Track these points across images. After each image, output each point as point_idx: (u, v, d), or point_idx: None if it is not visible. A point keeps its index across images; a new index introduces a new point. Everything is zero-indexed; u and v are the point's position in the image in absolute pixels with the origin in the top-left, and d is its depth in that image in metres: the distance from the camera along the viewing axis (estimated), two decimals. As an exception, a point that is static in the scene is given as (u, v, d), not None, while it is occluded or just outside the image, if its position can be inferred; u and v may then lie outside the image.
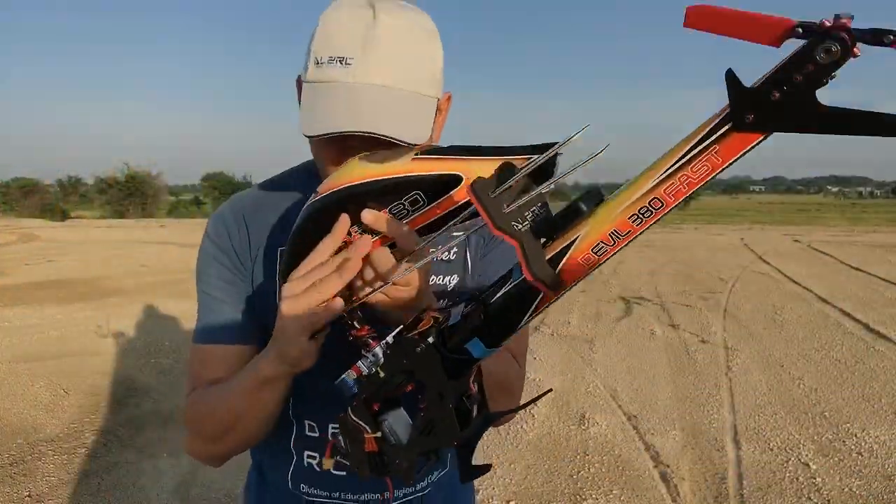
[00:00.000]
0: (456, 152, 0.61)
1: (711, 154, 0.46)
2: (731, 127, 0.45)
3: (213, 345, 0.86)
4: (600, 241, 0.51)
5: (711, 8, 0.47)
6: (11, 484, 2.98)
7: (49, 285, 8.32)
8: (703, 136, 0.46)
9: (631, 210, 0.49)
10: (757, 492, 2.91)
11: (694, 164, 0.47)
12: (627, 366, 4.77)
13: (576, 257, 0.52)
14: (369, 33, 0.70)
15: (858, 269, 9.65)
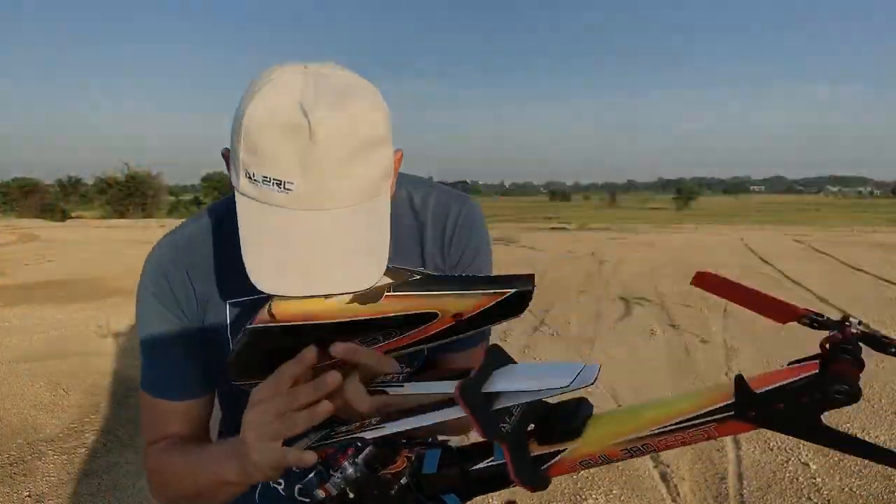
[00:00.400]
0: (428, 286, 0.60)
1: (710, 428, 0.50)
2: (732, 415, 0.49)
3: (164, 399, 0.82)
4: (588, 458, 0.54)
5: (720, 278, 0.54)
6: (11, 484, 2.98)
7: (49, 285, 8.32)
8: (707, 412, 0.50)
9: (624, 445, 0.53)
10: (757, 492, 2.91)
11: (692, 430, 0.51)
12: (627, 366, 4.77)
13: (563, 465, 0.55)
14: (307, 155, 0.61)
15: (858, 269, 9.66)
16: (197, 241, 0.82)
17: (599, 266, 10.47)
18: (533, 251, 12.90)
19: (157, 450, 0.83)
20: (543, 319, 6.27)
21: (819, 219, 29.12)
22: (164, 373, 0.82)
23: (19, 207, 35.29)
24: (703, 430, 0.50)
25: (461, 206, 0.87)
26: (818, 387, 0.45)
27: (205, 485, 0.74)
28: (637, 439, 0.52)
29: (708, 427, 0.50)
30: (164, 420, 0.83)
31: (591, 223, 24.56)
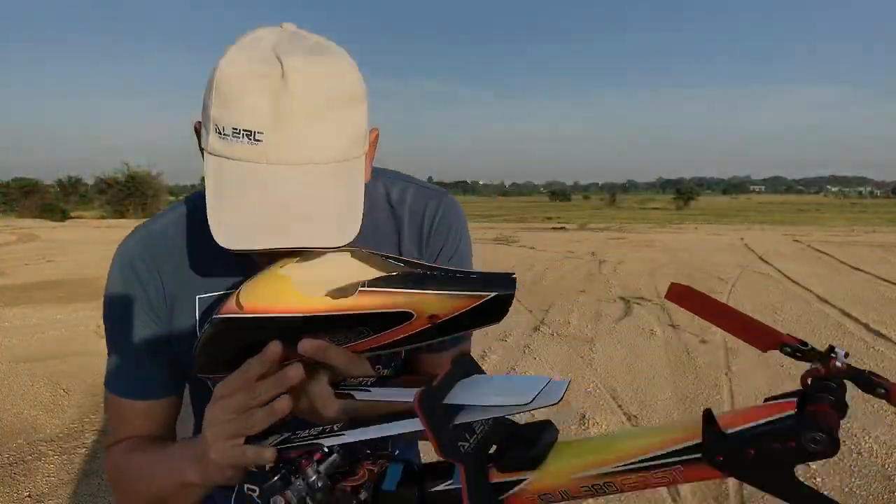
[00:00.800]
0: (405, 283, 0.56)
1: (675, 470, 0.46)
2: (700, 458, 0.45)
3: (128, 399, 0.80)
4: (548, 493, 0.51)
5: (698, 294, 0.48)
6: (11, 484, 2.98)
7: (49, 285, 8.32)
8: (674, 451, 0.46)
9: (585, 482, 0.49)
10: (757, 492, 2.90)
11: (656, 472, 0.47)
12: (627, 366, 4.77)
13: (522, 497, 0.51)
14: (279, 103, 0.59)
15: (858, 269, 9.66)
16: (169, 233, 0.79)
17: (599, 266, 10.47)
18: (533, 251, 12.90)
19: (118, 451, 0.80)
20: (543, 319, 6.27)
21: (819, 219, 29.12)
22: (128, 371, 0.79)
23: (19, 207, 35.28)
24: (668, 472, 0.46)
25: (439, 200, 0.84)
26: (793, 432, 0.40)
27: (165, 486, 0.71)
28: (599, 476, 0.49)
29: (675, 469, 0.46)
30: (128, 420, 0.80)
31: (591, 223, 24.56)
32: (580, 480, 0.49)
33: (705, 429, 0.44)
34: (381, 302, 0.55)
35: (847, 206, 51.60)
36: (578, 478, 0.49)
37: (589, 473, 0.49)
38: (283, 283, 0.60)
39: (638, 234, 18.57)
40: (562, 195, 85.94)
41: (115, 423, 0.82)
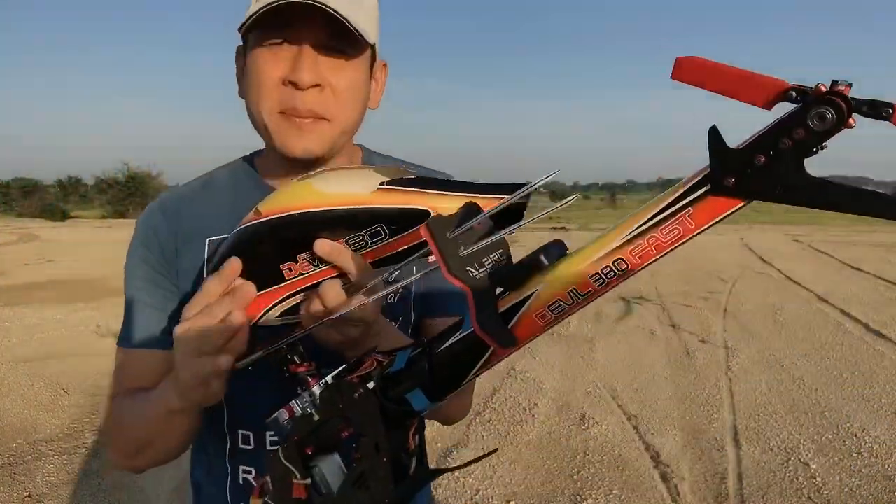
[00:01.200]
0: (424, 185, 0.56)
1: (685, 217, 0.42)
2: (708, 189, 0.42)
3: (135, 349, 0.82)
4: (558, 298, 0.48)
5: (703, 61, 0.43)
6: (11, 484, 2.99)
7: (49, 285, 8.32)
8: (679, 195, 0.43)
9: (593, 269, 0.45)
10: (757, 492, 2.91)
11: (664, 226, 0.43)
12: (627, 366, 4.77)
13: (531, 314, 0.48)
14: None
15: (858, 269, 9.66)
16: (186, 190, 0.86)
17: (599, 266, 10.46)
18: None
19: (116, 403, 0.82)
20: (543, 319, 6.27)
21: (819, 219, 29.12)
22: (133, 323, 0.82)
23: (19, 207, 35.30)
24: (677, 221, 0.42)
25: None
26: (800, 118, 0.38)
27: (153, 419, 0.73)
28: (607, 255, 0.44)
29: (684, 216, 0.42)
30: (134, 373, 0.82)
31: (592, 223, 24.55)
32: (587, 270, 0.45)
33: (712, 149, 0.41)
34: (400, 199, 0.55)
35: (847, 206, 51.48)
36: (585, 267, 0.45)
37: (594, 258, 0.45)
38: (303, 185, 0.60)
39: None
40: (562, 195, 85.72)
41: (119, 377, 0.84)
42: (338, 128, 0.75)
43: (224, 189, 0.84)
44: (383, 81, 0.83)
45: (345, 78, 0.73)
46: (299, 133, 0.72)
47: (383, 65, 0.82)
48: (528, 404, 3.99)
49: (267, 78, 0.71)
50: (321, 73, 0.71)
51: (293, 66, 0.70)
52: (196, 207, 0.83)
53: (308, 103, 0.71)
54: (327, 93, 0.72)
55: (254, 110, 0.74)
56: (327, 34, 0.71)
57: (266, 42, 0.71)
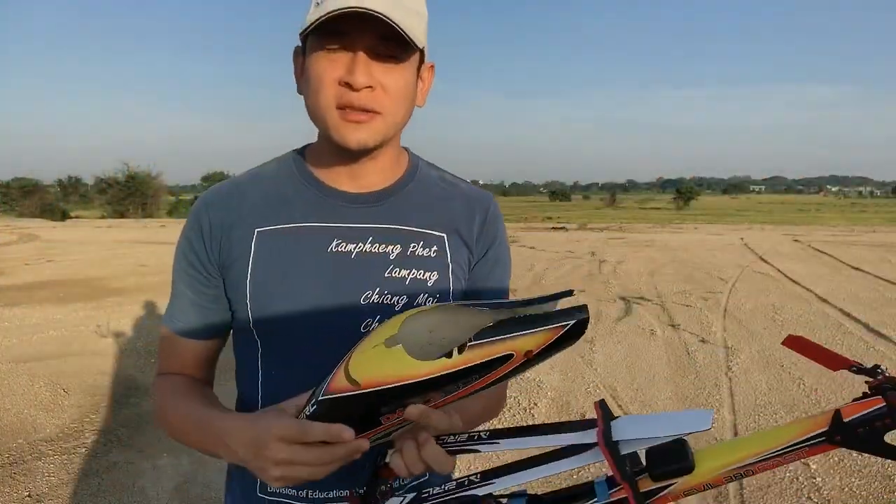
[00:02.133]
0: (506, 331, 0.63)
1: (802, 452, 0.62)
2: (823, 440, 0.61)
3: (173, 332, 0.90)
4: (694, 487, 0.63)
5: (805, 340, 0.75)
6: (11, 484, 2.99)
7: (49, 285, 8.32)
8: (804, 440, 0.61)
9: (728, 474, 0.63)
10: (757, 492, 2.91)
11: (788, 455, 0.62)
12: (627, 366, 4.77)
13: (668, 497, 0.63)
14: None
15: (858, 269, 9.66)
16: (236, 186, 0.90)
17: (599, 266, 10.47)
18: (533, 251, 12.90)
19: (163, 386, 0.89)
20: (543, 319, 6.26)
21: (819, 219, 29.12)
22: (177, 310, 0.89)
23: (19, 207, 35.29)
24: (797, 453, 0.61)
25: (491, 199, 0.96)
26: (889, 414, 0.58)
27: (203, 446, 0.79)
28: (740, 468, 0.62)
29: (802, 450, 0.61)
30: (174, 356, 0.91)
31: (591, 223, 24.56)
32: (723, 474, 0.63)
33: (833, 421, 0.60)
34: (487, 352, 0.62)
35: (847, 206, 51.61)
36: (722, 472, 0.62)
37: (731, 468, 0.62)
38: (396, 354, 0.64)
39: (638, 233, 18.57)
40: (562, 195, 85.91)
41: (161, 355, 0.93)
42: (389, 121, 0.81)
43: (272, 180, 0.89)
44: (430, 81, 0.89)
45: (395, 80, 0.79)
46: (355, 127, 0.79)
47: (430, 66, 0.89)
48: (528, 404, 3.99)
49: (325, 78, 0.78)
50: (374, 76, 0.77)
51: (349, 70, 0.76)
52: (245, 198, 0.87)
53: (362, 100, 0.77)
54: (378, 91, 0.78)
55: (313, 106, 0.81)
56: (380, 40, 0.76)
57: (324, 46, 0.77)
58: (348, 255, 0.84)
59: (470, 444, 0.70)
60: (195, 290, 0.87)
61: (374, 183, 0.88)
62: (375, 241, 0.85)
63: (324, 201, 0.86)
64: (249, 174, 0.91)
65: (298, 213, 0.85)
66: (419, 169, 0.93)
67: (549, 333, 0.61)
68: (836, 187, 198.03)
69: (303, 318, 0.82)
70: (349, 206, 0.86)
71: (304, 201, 0.86)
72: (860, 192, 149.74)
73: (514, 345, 0.62)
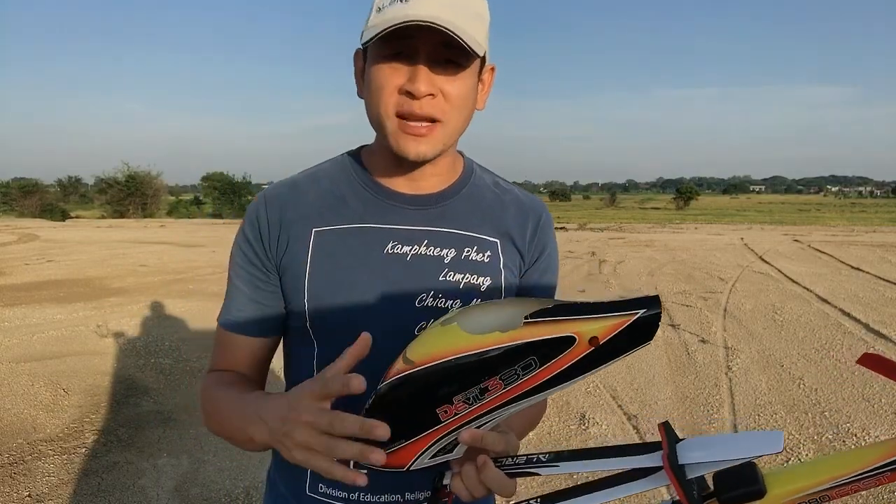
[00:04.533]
0: (565, 312, 0.60)
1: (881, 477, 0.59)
2: None
3: (229, 332, 0.89)
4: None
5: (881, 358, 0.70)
6: (11, 484, 2.99)
7: (49, 285, 8.32)
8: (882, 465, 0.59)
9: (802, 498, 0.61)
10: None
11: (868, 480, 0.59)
12: (627, 366, 4.77)
13: None
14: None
15: (858, 269, 9.66)
16: (294, 180, 0.90)
17: (599, 266, 10.47)
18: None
19: (210, 379, 0.89)
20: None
21: (819, 219, 29.13)
22: (232, 306, 0.89)
23: (19, 207, 35.27)
24: (875, 479, 0.59)
25: (544, 207, 0.97)
26: None
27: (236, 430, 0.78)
28: (816, 493, 0.60)
29: (880, 476, 0.59)
30: (227, 353, 0.90)
31: (592, 223, 24.55)
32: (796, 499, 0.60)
33: None
34: (547, 330, 0.59)
35: (847, 206, 51.60)
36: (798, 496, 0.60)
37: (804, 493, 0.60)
38: (450, 330, 0.62)
39: (638, 233, 18.57)
40: (562, 195, 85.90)
41: (215, 352, 0.92)
42: (449, 129, 0.81)
43: (330, 180, 0.89)
44: (490, 84, 0.89)
45: (456, 87, 0.78)
46: (415, 140, 0.78)
47: (491, 68, 0.88)
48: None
49: (386, 86, 0.77)
50: (435, 84, 0.77)
51: (410, 78, 0.76)
52: (302, 198, 0.87)
53: (424, 108, 0.77)
54: (439, 99, 0.78)
55: (374, 112, 0.80)
56: (442, 48, 0.76)
57: (386, 53, 0.77)
58: (404, 257, 0.84)
59: (529, 466, 0.68)
60: (252, 287, 0.87)
61: (431, 186, 0.88)
62: (431, 245, 0.85)
63: (380, 203, 0.86)
64: (306, 174, 0.92)
65: (355, 214, 0.86)
66: (474, 173, 0.94)
67: (617, 321, 0.58)
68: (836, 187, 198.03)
69: (360, 319, 0.81)
70: (405, 208, 0.86)
71: (360, 202, 0.86)
72: (860, 192, 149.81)
73: (577, 327, 0.59)
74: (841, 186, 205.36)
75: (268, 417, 0.70)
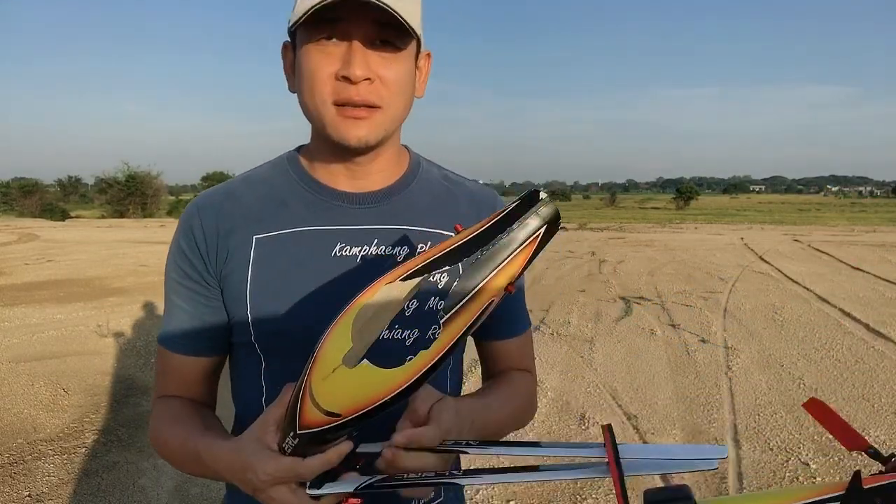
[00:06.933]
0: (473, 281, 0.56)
1: None
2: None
3: (171, 352, 0.84)
4: None
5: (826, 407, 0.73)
6: (11, 484, 2.98)
7: (49, 285, 8.32)
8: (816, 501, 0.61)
9: None
10: (757, 492, 2.91)
11: None
12: (627, 366, 4.77)
13: None
14: None
15: (858, 269, 9.66)
16: (228, 187, 0.85)
17: (599, 266, 10.46)
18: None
19: (159, 410, 0.84)
20: (543, 319, 6.27)
21: (819, 219, 29.12)
22: (172, 328, 0.83)
23: (19, 207, 35.27)
24: None
25: (497, 197, 0.93)
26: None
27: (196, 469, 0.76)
28: None
29: None
30: (171, 376, 0.85)
31: (591, 223, 24.55)
32: None
33: (852, 485, 0.61)
34: (464, 320, 0.55)
35: (847, 206, 51.59)
36: None
37: None
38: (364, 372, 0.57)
39: (638, 233, 18.56)
40: (562, 195, 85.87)
41: (159, 376, 0.87)
42: (389, 115, 0.77)
43: (266, 183, 0.84)
44: (427, 70, 0.85)
45: (393, 71, 0.75)
46: (355, 123, 0.75)
47: (427, 54, 0.84)
48: (528, 404, 3.99)
49: (320, 73, 0.73)
50: (371, 67, 0.73)
51: (345, 62, 0.72)
52: (238, 203, 0.82)
53: (362, 94, 0.73)
54: (377, 84, 0.74)
55: (308, 102, 0.76)
56: (376, 29, 0.72)
57: (315, 38, 0.73)
58: (353, 259, 0.79)
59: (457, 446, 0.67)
60: (192, 303, 0.82)
61: (375, 182, 0.84)
62: (381, 244, 0.81)
63: (324, 203, 0.82)
64: (241, 178, 0.86)
65: (298, 218, 0.81)
66: (421, 166, 0.90)
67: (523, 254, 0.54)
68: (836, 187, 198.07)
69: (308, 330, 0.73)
70: (351, 207, 0.82)
71: (302, 204, 0.82)
72: (860, 192, 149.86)
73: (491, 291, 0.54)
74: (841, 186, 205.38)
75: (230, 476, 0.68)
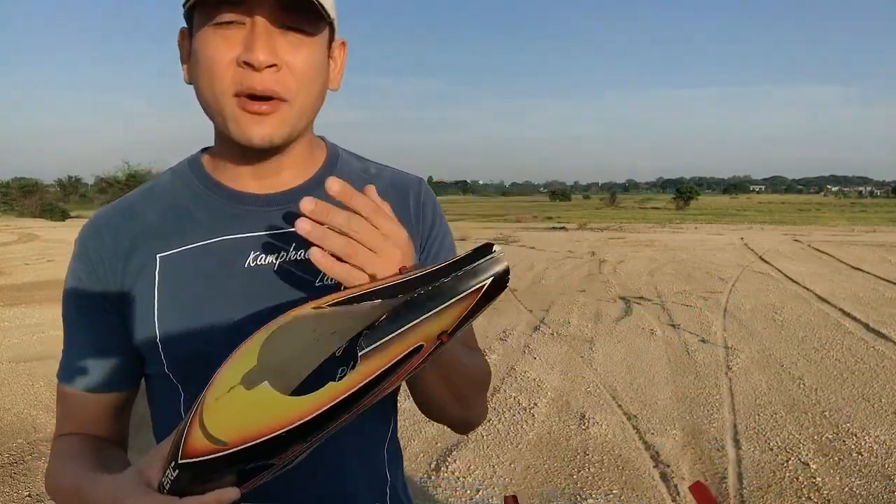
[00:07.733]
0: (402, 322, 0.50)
1: None
2: None
3: (70, 388, 0.76)
4: None
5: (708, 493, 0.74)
6: (11, 484, 2.98)
7: (49, 285, 8.32)
8: None
9: None
10: (757, 492, 2.91)
11: None
12: (627, 366, 4.77)
13: None
14: None
15: (858, 269, 9.66)
16: (126, 207, 0.77)
17: (599, 266, 10.47)
18: (533, 250, 12.90)
19: (58, 450, 0.75)
20: (543, 319, 6.27)
21: (819, 219, 29.13)
22: (72, 361, 0.76)
23: (19, 207, 35.27)
24: None
25: (420, 182, 0.85)
26: None
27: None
28: None
29: None
30: (71, 413, 0.76)
31: (591, 223, 24.55)
32: None
33: None
34: (386, 358, 0.49)
35: (847, 206, 51.61)
36: None
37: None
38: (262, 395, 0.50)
39: (638, 233, 18.57)
40: (562, 195, 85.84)
41: (59, 416, 0.78)
42: (297, 108, 0.68)
43: (168, 194, 0.76)
44: (342, 61, 0.76)
45: (303, 57, 0.66)
46: (258, 120, 0.66)
47: (342, 43, 0.76)
48: (528, 404, 3.99)
49: (218, 60, 0.64)
50: (277, 53, 0.64)
51: (247, 45, 0.63)
52: (138, 220, 0.74)
53: (266, 83, 0.64)
54: (284, 72, 0.65)
55: (206, 95, 0.67)
56: (282, 10, 0.64)
57: (214, 21, 0.64)
58: (270, 269, 0.71)
59: None
60: (92, 333, 0.74)
61: (287, 181, 0.75)
62: (300, 248, 0.71)
63: (231, 210, 0.73)
64: (141, 190, 0.78)
65: (204, 229, 0.72)
66: (340, 159, 0.81)
67: (463, 304, 0.49)
68: (836, 187, 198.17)
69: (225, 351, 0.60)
70: (262, 210, 0.73)
71: (208, 213, 0.73)
72: (860, 192, 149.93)
73: (422, 333, 0.49)
74: (841, 186, 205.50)
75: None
